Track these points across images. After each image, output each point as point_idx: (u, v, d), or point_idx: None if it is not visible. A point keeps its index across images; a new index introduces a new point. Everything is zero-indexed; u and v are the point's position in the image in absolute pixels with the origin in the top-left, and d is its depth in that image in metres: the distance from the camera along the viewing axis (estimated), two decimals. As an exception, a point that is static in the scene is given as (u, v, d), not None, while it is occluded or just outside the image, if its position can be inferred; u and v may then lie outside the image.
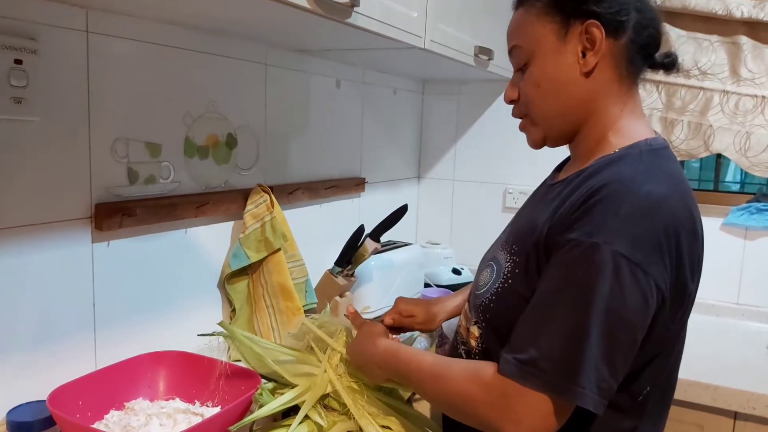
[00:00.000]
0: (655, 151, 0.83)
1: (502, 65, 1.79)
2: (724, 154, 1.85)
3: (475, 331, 0.92)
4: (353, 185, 1.86)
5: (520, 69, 0.90)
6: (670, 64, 0.91)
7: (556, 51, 0.85)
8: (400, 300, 1.16)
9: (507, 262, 0.88)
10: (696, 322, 1.85)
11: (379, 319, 1.17)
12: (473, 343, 0.93)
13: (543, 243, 0.81)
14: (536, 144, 0.93)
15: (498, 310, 0.87)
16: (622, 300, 0.72)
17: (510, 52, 0.91)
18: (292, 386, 1.00)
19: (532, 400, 0.73)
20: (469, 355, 0.94)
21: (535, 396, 0.73)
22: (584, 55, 0.84)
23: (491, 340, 0.89)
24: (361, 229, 1.57)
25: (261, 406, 0.96)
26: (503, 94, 0.94)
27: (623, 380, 0.76)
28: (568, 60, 0.85)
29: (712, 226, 1.92)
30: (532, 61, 0.87)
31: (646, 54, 0.87)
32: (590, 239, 0.73)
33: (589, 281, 0.72)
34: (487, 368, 0.78)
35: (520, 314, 0.81)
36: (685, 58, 1.86)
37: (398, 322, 1.13)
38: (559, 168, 1.02)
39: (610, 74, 0.85)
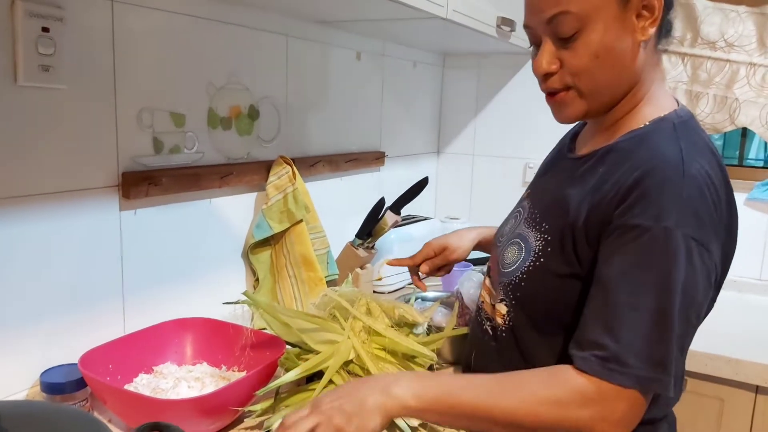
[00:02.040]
0: (686, 123, 0.82)
1: (525, 37, 1.76)
2: (749, 128, 1.82)
3: (501, 309, 0.92)
4: (373, 159, 1.86)
5: (563, 38, 0.81)
6: (671, 30, 0.88)
7: (617, 19, 0.79)
8: (427, 244, 1.15)
9: (537, 240, 0.86)
10: (718, 297, 1.84)
11: (414, 270, 1.17)
12: (499, 320, 0.92)
13: (582, 224, 0.79)
14: (575, 118, 0.87)
15: (529, 289, 0.86)
16: (695, 283, 0.71)
17: (551, 18, 0.81)
18: (317, 353, 1.02)
19: (625, 396, 0.70)
20: (495, 331, 0.94)
21: (627, 392, 0.70)
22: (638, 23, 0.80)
23: (519, 318, 0.89)
24: (381, 201, 1.57)
25: (286, 371, 0.98)
26: (536, 64, 0.84)
27: None
28: (628, 28, 0.79)
29: (736, 201, 1.90)
30: (586, 28, 0.79)
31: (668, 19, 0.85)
32: (660, 224, 0.71)
33: (667, 267, 0.70)
34: (566, 371, 0.73)
35: (552, 292, 0.81)
36: (711, 29, 1.82)
37: (433, 266, 1.12)
38: (573, 136, 0.99)
39: (653, 43, 0.83)
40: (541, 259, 0.85)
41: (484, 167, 2.25)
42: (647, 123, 0.83)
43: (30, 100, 0.94)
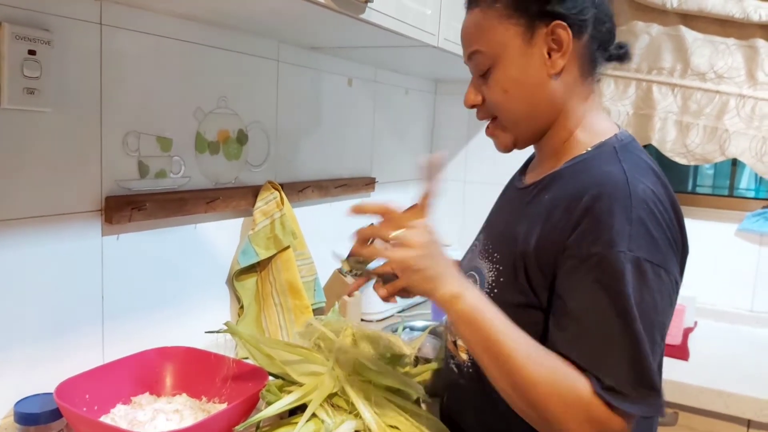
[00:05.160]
0: (626, 146, 0.85)
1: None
2: (739, 159, 1.82)
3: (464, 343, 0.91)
4: (363, 184, 1.85)
5: (481, 74, 0.87)
6: (624, 55, 0.91)
7: (523, 54, 0.83)
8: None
9: (490, 271, 0.87)
10: (709, 329, 1.84)
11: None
12: (464, 356, 0.92)
13: (533, 251, 0.80)
14: (506, 148, 0.93)
15: None
16: (653, 303, 0.72)
17: (469, 56, 0.88)
18: (300, 385, 0.99)
19: (620, 420, 0.71)
20: (460, 368, 0.93)
21: (623, 416, 0.71)
22: (549, 56, 0.83)
23: None
24: (371, 228, 1.56)
25: (268, 404, 0.95)
26: (465, 97, 0.90)
27: None
28: (534, 63, 0.83)
29: (726, 231, 1.90)
30: (496, 65, 0.84)
31: (604, 48, 0.88)
32: (615, 249, 0.72)
33: (626, 291, 0.71)
34: (584, 386, 0.72)
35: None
36: (701, 61, 1.84)
37: (394, 288, 1.07)
38: (524, 168, 1.01)
39: (575, 73, 0.86)
40: (495, 290, 0.85)
41: (476, 194, 2.24)
42: (589, 149, 0.85)
43: (13, 122, 0.93)
